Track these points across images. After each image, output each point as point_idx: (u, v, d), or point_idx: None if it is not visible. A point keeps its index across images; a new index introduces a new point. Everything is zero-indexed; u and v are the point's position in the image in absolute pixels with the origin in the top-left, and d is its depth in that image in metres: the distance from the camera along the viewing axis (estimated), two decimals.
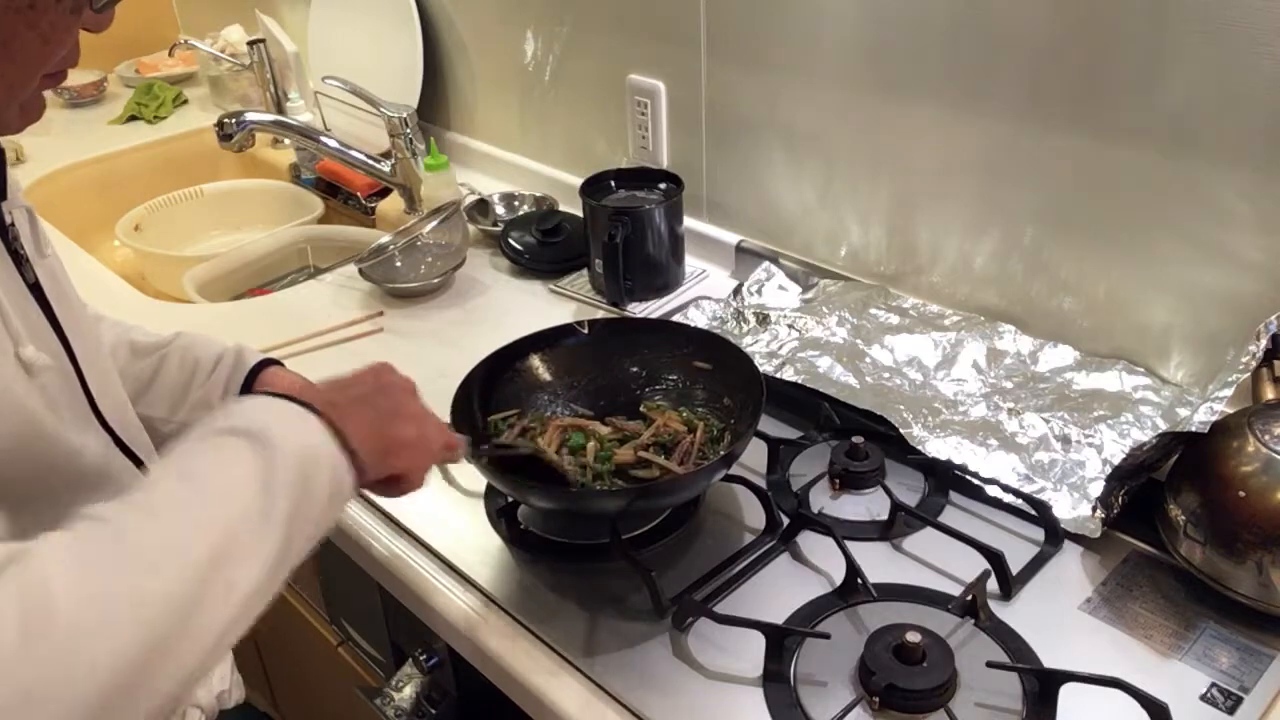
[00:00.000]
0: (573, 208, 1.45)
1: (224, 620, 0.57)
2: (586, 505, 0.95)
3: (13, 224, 0.71)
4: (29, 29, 0.61)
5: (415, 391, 0.78)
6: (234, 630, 0.58)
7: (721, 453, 0.97)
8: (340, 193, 1.82)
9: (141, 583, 0.53)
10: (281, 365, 0.96)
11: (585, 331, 1.08)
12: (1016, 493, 0.96)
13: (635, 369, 1.08)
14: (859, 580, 0.87)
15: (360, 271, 1.42)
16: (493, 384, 1.02)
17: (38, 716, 0.49)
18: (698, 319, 1.24)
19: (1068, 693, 0.76)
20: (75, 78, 2.25)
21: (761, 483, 0.99)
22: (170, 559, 0.55)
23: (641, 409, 1.05)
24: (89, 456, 0.73)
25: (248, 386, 0.92)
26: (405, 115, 1.62)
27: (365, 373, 0.77)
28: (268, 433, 0.62)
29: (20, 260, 0.71)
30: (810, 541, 0.94)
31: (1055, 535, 0.92)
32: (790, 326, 1.21)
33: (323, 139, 1.68)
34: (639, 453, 0.98)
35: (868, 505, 0.99)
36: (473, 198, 1.61)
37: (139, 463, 0.79)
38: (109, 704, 0.51)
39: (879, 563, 0.91)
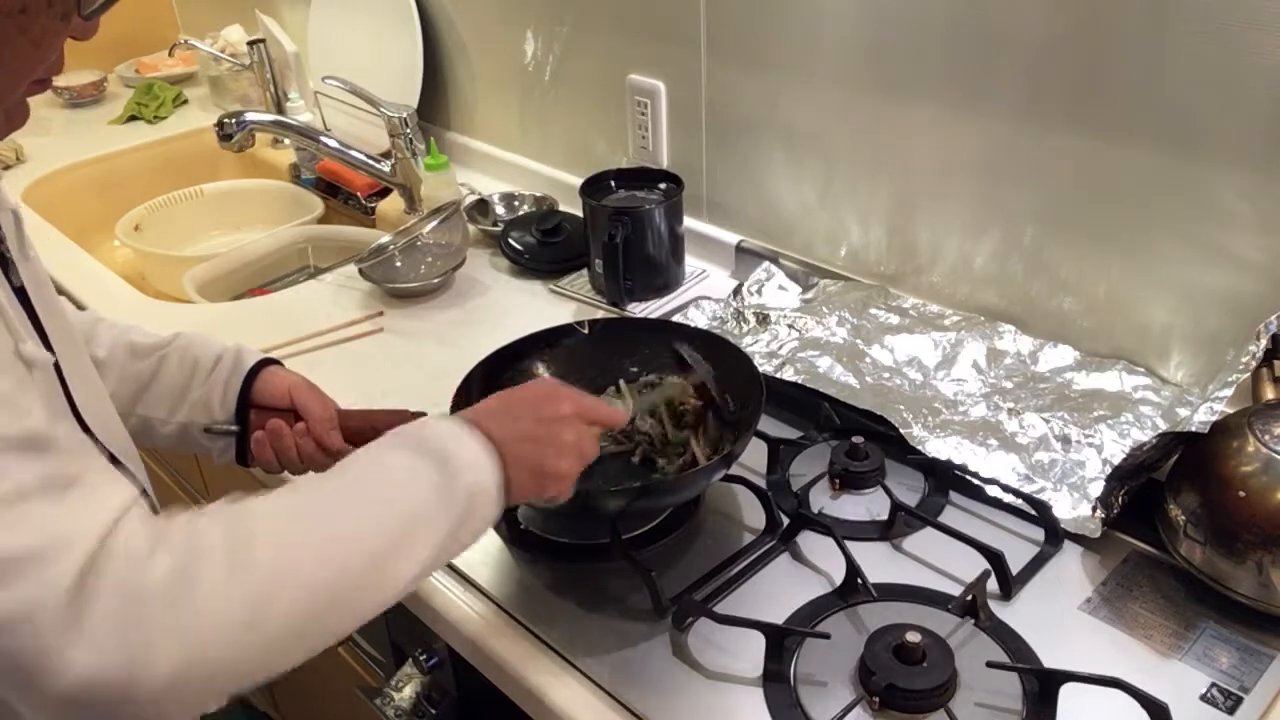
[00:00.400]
0: (573, 208, 1.45)
1: (373, 603, 0.66)
2: (586, 505, 0.95)
3: None
4: (20, 34, 0.61)
5: (579, 414, 0.80)
6: (376, 613, 0.67)
7: (721, 452, 0.96)
8: (340, 193, 1.82)
9: (326, 550, 0.63)
10: (281, 365, 0.96)
11: (585, 331, 1.08)
12: (1016, 493, 0.96)
13: (635, 369, 1.08)
14: (859, 580, 0.87)
15: (360, 271, 1.42)
16: (493, 384, 1.02)
17: (230, 640, 0.58)
18: (698, 319, 1.24)
19: (1068, 693, 0.76)
20: (75, 78, 2.25)
21: (761, 483, 0.99)
22: (351, 541, 0.65)
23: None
24: (74, 462, 0.73)
25: (247, 386, 0.92)
26: (405, 115, 1.62)
27: (533, 396, 0.80)
28: (454, 464, 0.70)
29: (6, 263, 0.71)
30: (810, 541, 0.94)
31: (1055, 535, 0.92)
32: (790, 326, 1.21)
33: (323, 139, 1.68)
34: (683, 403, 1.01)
35: (868, 505, 0.99)
36: (473, 198, 1.61)
37: (119, 465, 0.79)
38: (288, 638, 0.61)
39: (879, 563, 0.91)
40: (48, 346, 0.72)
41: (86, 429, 0.76)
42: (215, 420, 0.91)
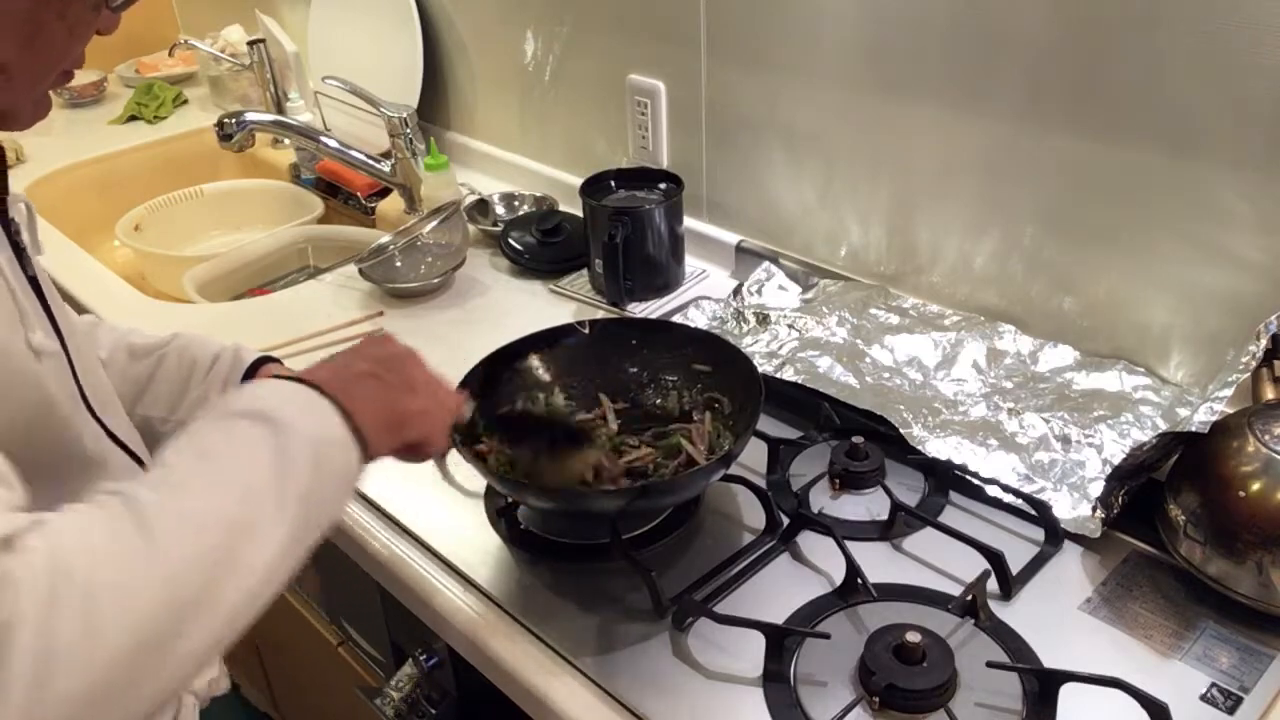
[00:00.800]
0: (573, 208, 1.45)
1: (239, 595, 0.58)
2: (586, 505, 0.95)
3: (14, 218, 0.73)
4: (59, 20, 0.63)
5: (418, 358, 0.78)
6: (249, 606, 0.59)
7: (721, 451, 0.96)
8: (340, 193, 1.82)
9: (159, 552, 0.55)
10: (279, 362, 0.97)
11: (585, 331, 1.08)
12: (1016, 493, 0.96)
13: (635, 369, 1.08)
14: (859, 580, 0.87)
15: (360, 271, 1.42)
16: (492, 384, 1.02)
17: (62, 675, 0.50)
18: (698, 319, 1.24)
19: (1068, 693, 0.76)
20: (75, 77, 2.24)
21: (761, 483, 0.99)
22: (188, 532, 0.56)
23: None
24: (88, 442, 0.74)
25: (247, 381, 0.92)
26: (405, 115, 1.62)
27: (365, 346, 0.77)
28: (280, 415, 0.63)
29: (21, 253, 0.72)
30: (810, 541, 0.94)
31: (1055, 535, 0.92)
32: (790, 326, 1.21)
33: (323, 139, 1.68)
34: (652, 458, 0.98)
35: (868, 505, 0.99)
36: (473, 198, 1.61)
37: (130, 454, 0.80)
38: (129, 665, 0.52)
39: (879, 563, 0.91)
40: (59, 337, 0.73)
41: (96, 418, 0.76)
42: None
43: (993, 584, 0.87)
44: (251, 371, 0.93)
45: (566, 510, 0.98)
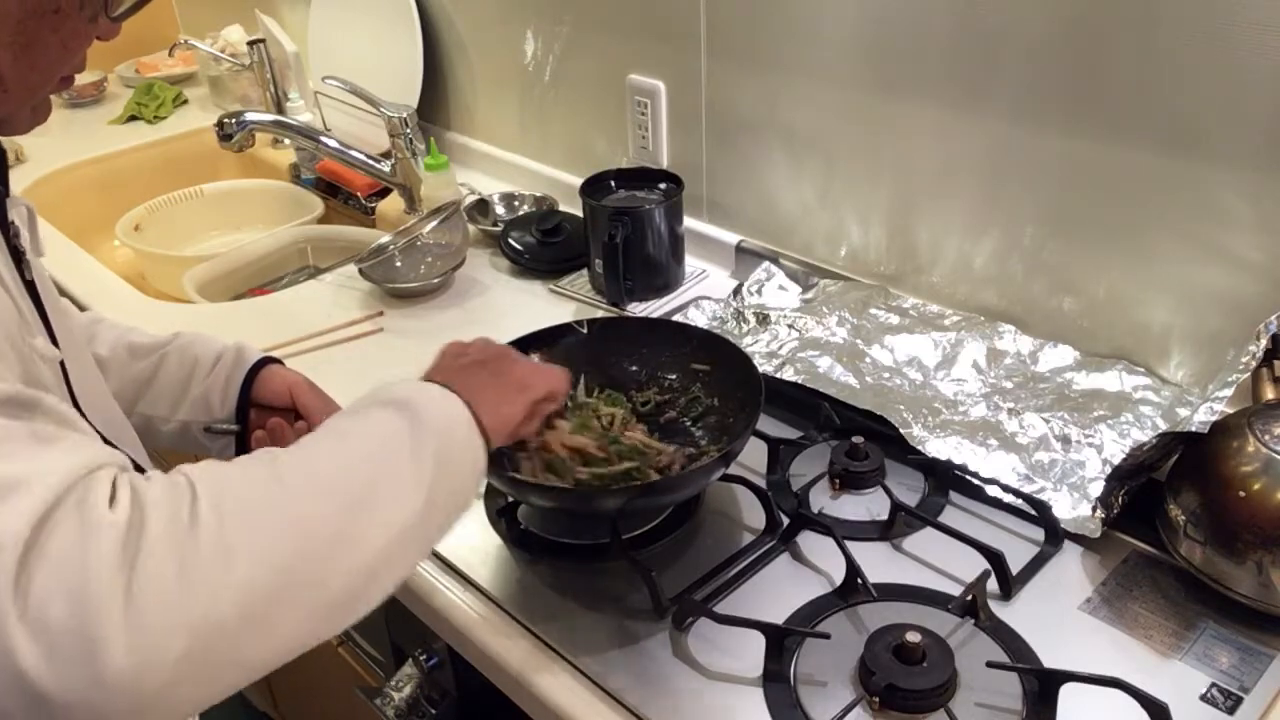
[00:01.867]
0: (573, 208, 1.45)
1: (362, 559, 0.60)
2: (586, 504, 0.95)
3: (13, 221, 0.72)
4: (52, 34, 0.63)
5: (513, 352, 0.83)
6: (368, 575, 0.60)
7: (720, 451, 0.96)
8: (340, 193, 1.82)
9: (291, 499, 0.58)
10: (281, 363, 0.96)
11: (584, 331, 1.08)
12: (1016, 493, 0.96)
13: (634, 368, 1.08)
14: (859, 580, 0.87)
15: (360, 271, 1.42)
16: None
17: (191, 600, 0.51)
18: (698, 319, 1.24)
19: (1068, 693, 0.76)
20: (75, 78, 2.25)
21: (761, 483, 0.99)
22: (319, 486, 0.60)
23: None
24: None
25: (248, 383, 0.92)
26: (405, 115, 1.62)
27: (457, 347, 0.81)
28: (413, 404, 0.67)
29: (19, 257, 0.72)
30: (810, 541, 0.94)
31: (1055, 535, 0.92)
32: (790, 326, 1.21)
33: (323, 139, 1.68)
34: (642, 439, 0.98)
35: (868, 505, 0.99)
36: (473, 198, 1.61)
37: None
38: (255, 604, 0.54)
39: (879, 563, 0.91)
40: (54, 343, 0.73)
41: (90, 425, 0.76)
42: (215, 418, 0.91)
43: (993, 584, 0.87)
44: (254, 371, 0.93)
45: (566, 509, 0.98)
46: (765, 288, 1.30)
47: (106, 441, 0.77)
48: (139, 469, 0.79)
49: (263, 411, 0.92)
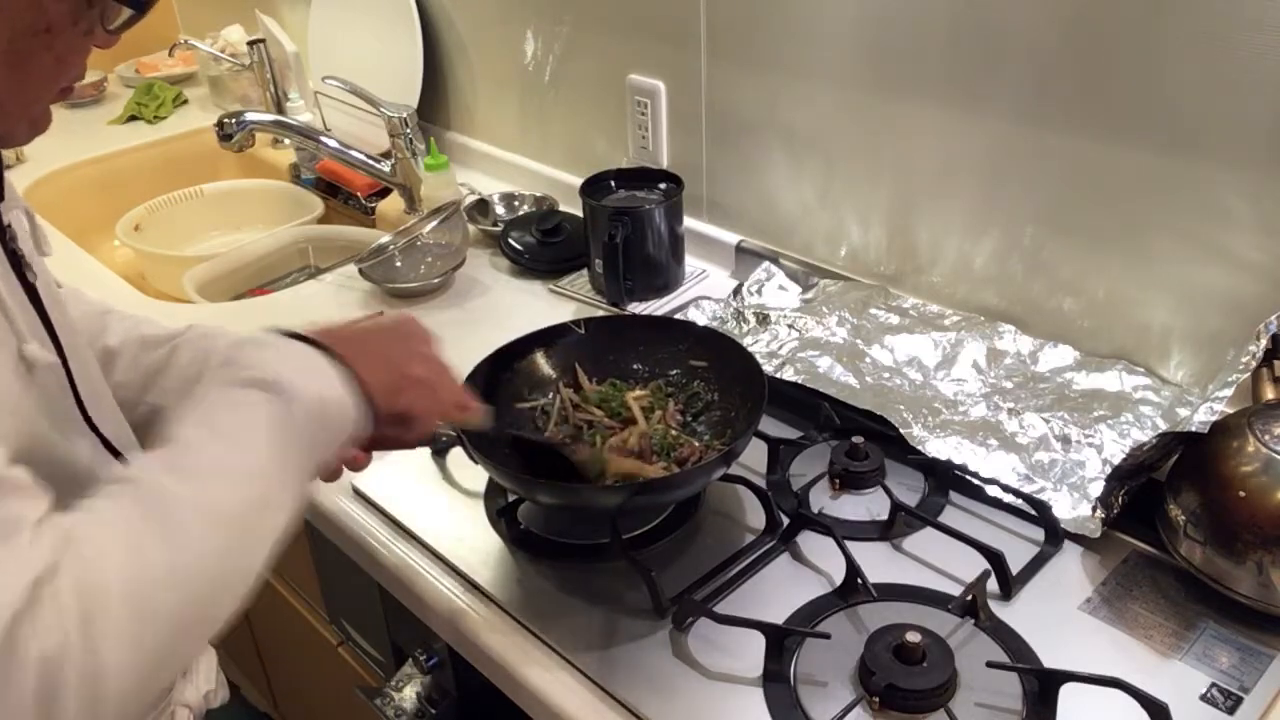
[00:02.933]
0: (573, 208, 1.45)
1: (257, 562, 0.63)
2: (585, 500, 0.95)
3: (9, 225, 0.72)
4: (46, 51, 0.63)
5: (434, 341, 0.80)
6: (265, 565, 0.64)
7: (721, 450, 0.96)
8: (340, 193, 1.82)
9: (181, 549, 0.58)
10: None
11: (582, 331, 1.08)
12: (1016, 493, 0.96)
13: (635, 365, 1.08)
14: (859, 580, 0.87)
15: (360, 271, 1.42)
16: (494, 383, 1.02)
17: (113, 680, 0.54)
18: (698, 319, 1.24)
19: (1068, 693, 0.76)
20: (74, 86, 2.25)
21: (761, 483, 0.99)
22: (205, 525, 0.60)
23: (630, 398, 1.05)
24: (80, 460, 0.73)
25: None
26: (405, 115, 1.62)
27: (384, 319, 0.80)
28: (283, 382, 0.66)
29: (19, 260, 0.71)
30: (810, 541, 0.94)
31: (1055, 535, 0.92)
32: (790, 326, 1.21)
33: (323, 139, 1.68)
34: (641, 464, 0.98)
35: (868, 505, 0.99)
36: (473, 198, 1.61)
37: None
38: (171, 648, 0.58)
39: (879, 563, 0.91)
40: (58, 346, 0.72)
41: (94, 428, 0.76)
42: None
43: (993, 584, 0.87)
44: None
45: (567, 505, 0.98)
46: (765, 288, 1.30)
47: (108, 447, 0.77)
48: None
49: None
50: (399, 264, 1.39)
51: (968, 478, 0.98)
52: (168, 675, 0.60)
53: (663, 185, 1.38)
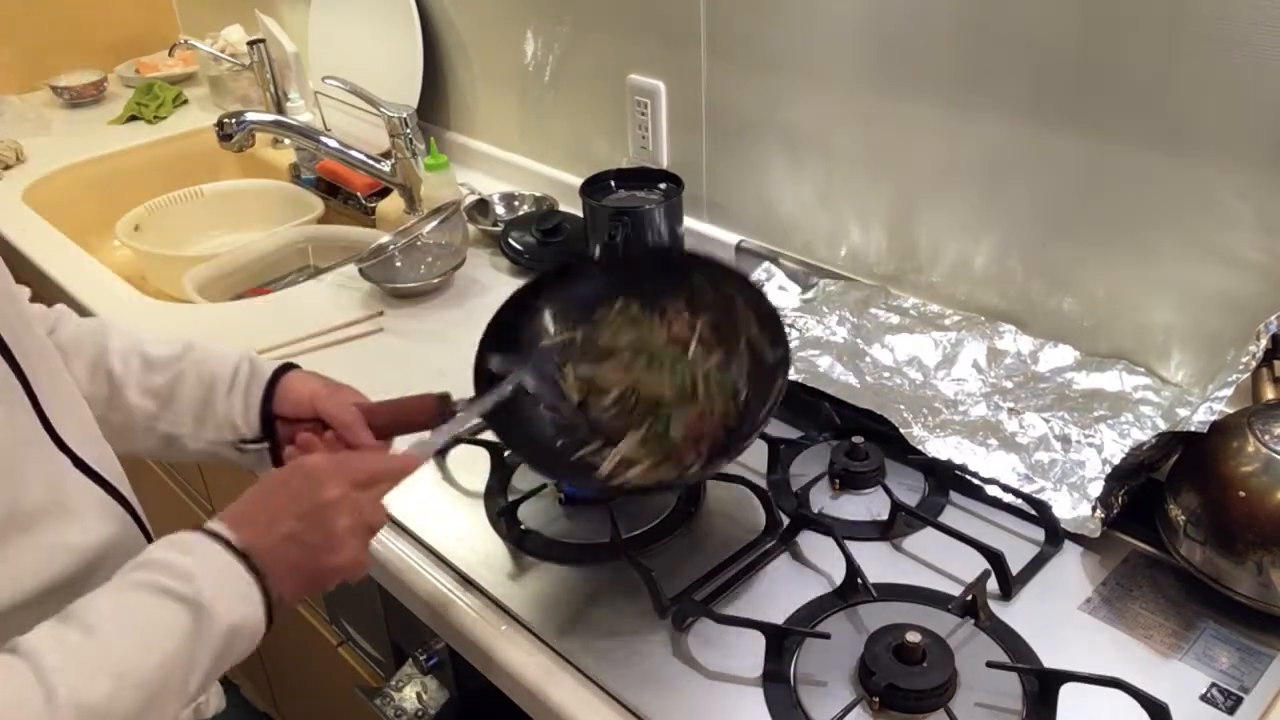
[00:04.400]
0: (573, 208, 1.45)
1: None
2: (580, 479, 0.92)
3: None
4: None
5: (351, 487, 0.75)
6: None
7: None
8: (340, 193, 1.82)
9: None
10: (298, 368, 0.94)
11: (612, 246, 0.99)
12: (1016, 493, 0.96)
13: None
14: (859, 580, 0.87)
15: (360, 271, 1.42)
16: (515, 329, 0.95)
17: None
18: None
19: (1068, 693, 0.76)
20: (75, 78, 2.25)
21: (761, 483, 0.99)
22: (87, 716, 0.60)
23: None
24: (43, 486, 0.72)
25: (268, 397, 0.91)
26: (405, 115, 1.62)
27: (293, 490, 0.74)
28: (204, 599, 0.66)
29: None
30: (810, 541, 0.94)
31: (1055, 535, 0.92)
32: (790, 326, 1.21)
33: (323, 139, 1.68)
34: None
35: (868, 505, 0.99)
36: (473, 198, 1.61)
37: (103, 483, 0.78)
38: None
39: (879, 563, 0.91)
40: (15, 368, 0.70)
41: (63, 446, 0.74)
42: (242, 436, 0.90)
43: (993, 584, 0.87)
44: (273, 383, 0.91)
45: (564, 484, 0.96)
46: (765, 288, 1.30)
47: (79, 464, 0.74)
48: (108, 489, 0.77)
49: (289, 424, 0.90)
50: (399, 264, 1.39)
51: (968, 478, 0.98)
52: None
53: (663, 185, 1.38)
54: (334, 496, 0.73)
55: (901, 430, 1.03)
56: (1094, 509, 0.93)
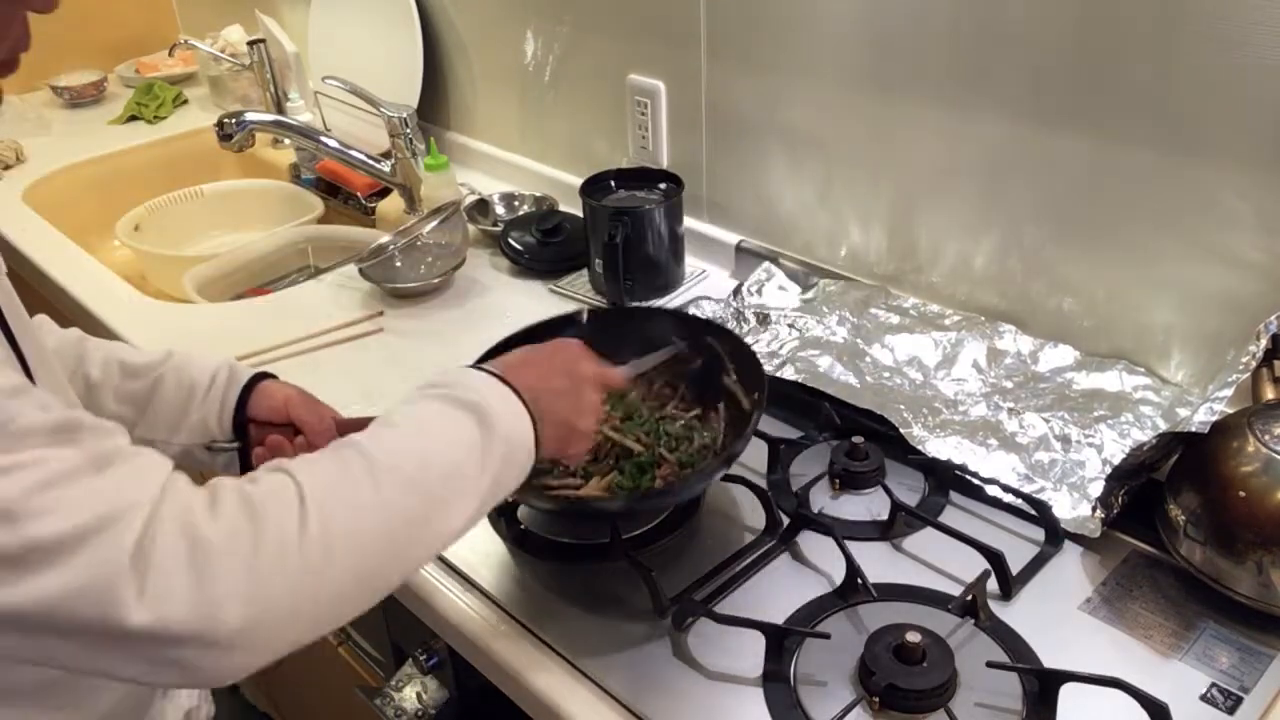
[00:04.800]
0: (573, 208, 1.45)
1: (425, 554, 0.70)
2: (585, 509, 0.95)
3: None
4: None
5: (597, 376, 0.84)
6: (426, 562, 0.74)
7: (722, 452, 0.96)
8: (340, 193, 1.82)
9: (383, 501, 0.66)
10: (274, 377, 0.95)
11: (584, 321, 1.06)
12: (1016, 493, 0.96)
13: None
14: (859, 580, 0.87)
15: (360, 271, 1.42)
16: None
17: (296, 592, 0.61)
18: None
19: (1068, 693, 0.76)
20: (75, 78, 2.25)
21: (761, 483, 0.99)
22: (406, 492, 0.67)
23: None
24: None
25: (242, 402, 0.91)
26: (405, 115, 1.62)
27: (563, 357, 0.83)
28: (491, 416, 0.72)
29: None
30: (810, 541, 0.94)
31: (1055, 535, 0.92)
32: (790, 326, 1.21)
33: (323, 139, 1.68)
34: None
35: (868, 505, 0.99)
36: (473, 198, 1.61)
37: None
38: (351, 589, 0.65)
39: (879, 563, 0.91)
40: (18, 352, 0.70)
41: None
42: (213, 438, 0.91)
43: (993, 584, 0.87)
44: (248, 388, 0.92)
45: (566, 511, 0.98)
46: (765, 288, 1.30)
47: None
48: None
49: (261, 428, 0.91)
50: (399, 264, 1.39)
51: (968, 478, 0.98)
52: (328, 612, 0.64)
53: (663, 185, 1.38)
54: (591, 373, 0.83)
55: (901, 430, 1.03)
56: (1094, 509, 0.93)
